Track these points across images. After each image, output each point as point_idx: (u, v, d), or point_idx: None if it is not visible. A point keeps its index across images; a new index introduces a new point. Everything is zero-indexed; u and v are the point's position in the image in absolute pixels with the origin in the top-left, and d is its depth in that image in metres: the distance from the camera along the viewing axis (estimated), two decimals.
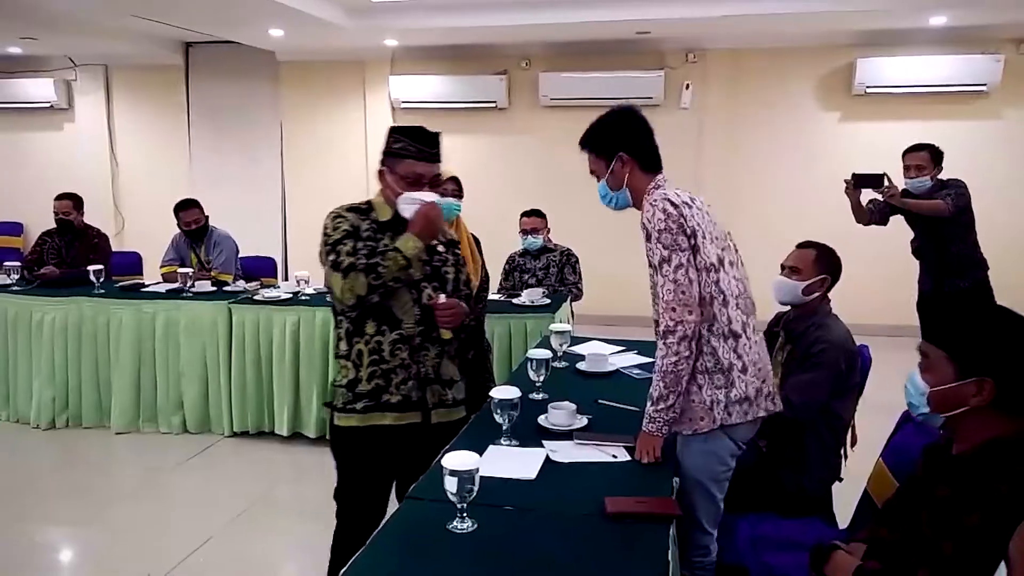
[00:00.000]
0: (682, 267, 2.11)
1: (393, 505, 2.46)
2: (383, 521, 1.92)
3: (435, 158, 2.40)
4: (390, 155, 2.38)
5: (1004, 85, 6.62)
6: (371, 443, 2.40)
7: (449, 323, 2.38)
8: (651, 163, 2.30)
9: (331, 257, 2.31)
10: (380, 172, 2.41)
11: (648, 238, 2.17)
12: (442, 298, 2.37)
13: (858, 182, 4.57)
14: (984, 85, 6.64)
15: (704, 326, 2.15)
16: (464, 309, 2.44)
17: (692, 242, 2.14)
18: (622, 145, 2.30)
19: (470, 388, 3.37)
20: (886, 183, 4.50)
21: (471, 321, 2.65)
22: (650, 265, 2.20)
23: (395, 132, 2.40)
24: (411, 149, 2.36)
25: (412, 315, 2.38)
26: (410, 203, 2.34)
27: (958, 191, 4.44)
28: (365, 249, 2.32)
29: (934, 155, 4.50)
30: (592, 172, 2.41)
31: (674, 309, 2.10)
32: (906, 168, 4.53)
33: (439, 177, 2.43)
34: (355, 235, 2.34)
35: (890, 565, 1.62)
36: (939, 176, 4.57)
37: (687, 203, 2.18)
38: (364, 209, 2.43)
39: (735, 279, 2.22)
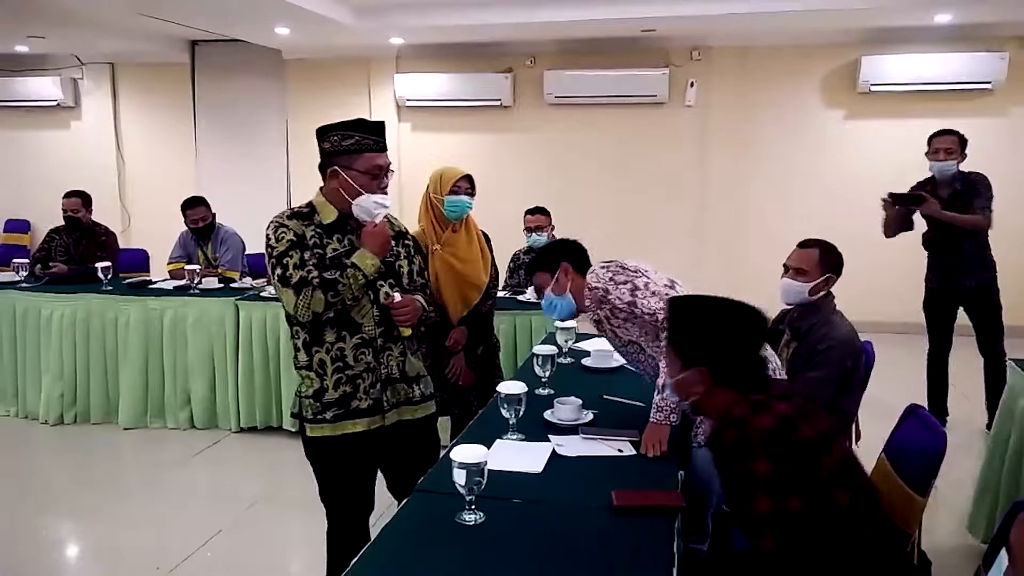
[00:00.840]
0: (650, 282, 2.40)
1: (382, 499, 2.49)
2: (376, 514, 1.92)
3: (386, 147, 2.36)
4: (344, 152, 2.29)
5: (1009, 83, 6.61)
6: (345, 450, 2.36)
7: (407, 321, 2.34)
8: (584, 266, 2.63)
9: (278, 271, 2.24)
10: (332, 171, 2.30)
11: (605, 295, 2.46)
12: (397, 297, 2.33)
13: (897, 200, 4.50)
14: (989, 83, 6.64)
15: None
16: (419, 304, 2.41)
17: (638, 272, 2.45)
18: (563, 257, 2.62)
19: (480, 384, 3.39)
20: (925, 200, 4.43)
21: (429, 315, 2.63)
22: (625, 337, 2.53)
23: (338, 128, 2.32)
24: (368, 142, 2.30)
25: (371, 317, 2.34)
26: (372, 208, 2.27)
27: (988, 197, 4.43)
28: (313, 259, 2.26)
29: (961, 141, 4.49)
30: (538, 289, 2.72)
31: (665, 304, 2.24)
32: (935, 151, 4.49)
33: (390, 166, 2.36)
34: (300, 244, 2.26)
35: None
36: (962, 166, 4.53)
37: (620, 265, 2.52)
38: (306, 213, 2.34)
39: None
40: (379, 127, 2.34)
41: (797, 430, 1.66)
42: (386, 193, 2.33)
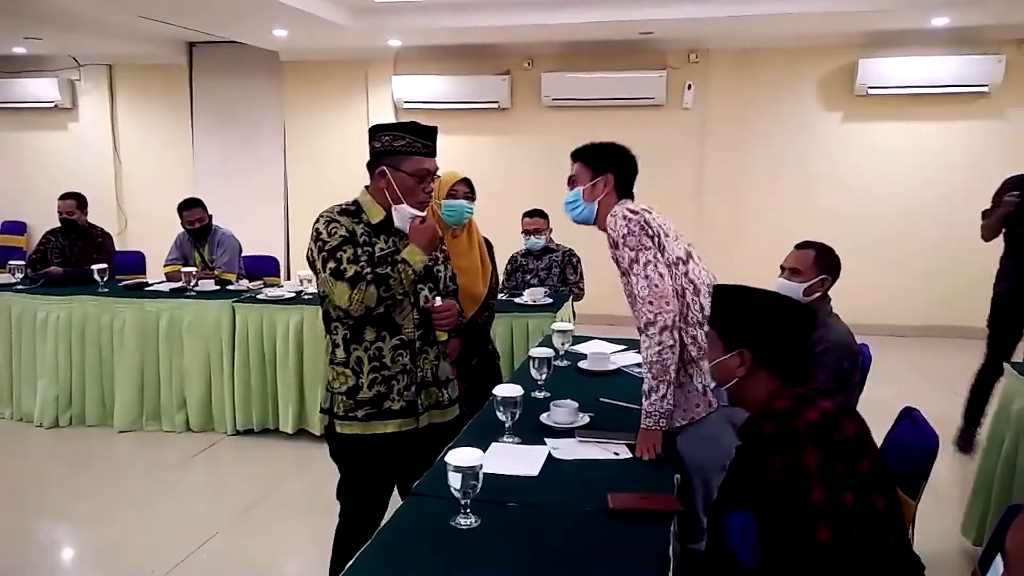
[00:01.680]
0: (651, 263, 2.27)
1: (396, 503, 2.48)
2: (385, 518, 1.93)
3: (435, 152, 2.38)
4: (393, 153, 2.31)
5: (1006, 85, 6.63)
6: (373, 450, 2.38)
7: (446, 325, 2.37)
8: (626, 191, 2.49)
9: (331, 264, 2.25)
10: (380, 171, 2.34)
11: (615, 246, 2.33)
12: (438, 301, 2.37)
13: None
14: (986, 86, 6.65)
15: (681, 318, 2.29)
16: (457, 309, 2.45)
17: (657, 241, 2.31)
18: (613, 167, 2.47)
19: (474, 393, 3.36)
20: None
21: (461, 320, 2.65)
22: (620, 271, 2.36)
23: (392, 129, 2.34)
24: (417, 145, 2.32)
25: (411, 319, 2.38)
26: (407, 216, 2.33)
27: None
28: (364, 255, 2.29)
29: None
30: (570, 179, 2.55)
31: (651, 302, 2.23)
32: None
33: (437, 170, 2.40)
34: (352, 240, 2.29)
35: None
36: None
37: (646, 210, 2.37)
38: (354, 211, 2.36)
39: (704, 270, 2.40)
40: (431, 132, 2.36)
41: (840, 427, 1.65)
42: (431, 197, 2.39)
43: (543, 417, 2.48)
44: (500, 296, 4.78)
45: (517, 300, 4.61)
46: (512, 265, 5.20)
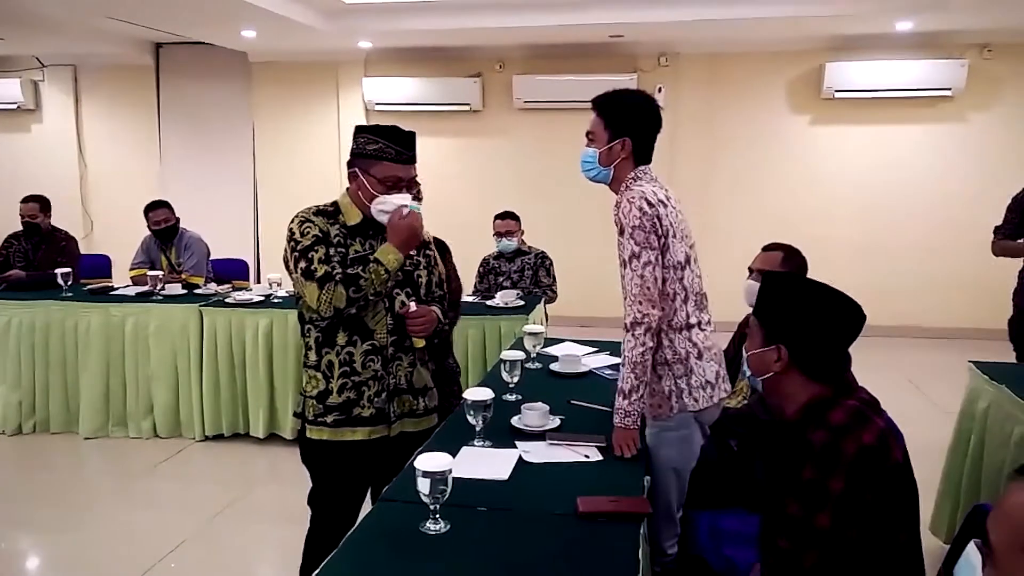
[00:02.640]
0: (650, 264, 2.19)
1: (367, 508, 2.46)
2: (356, 524, 1.91)
3: (412, 159, 2.32)
4: (365, 156, 2.28)
5: (969, 89, 6.76)
6: (343, 456, 2.35)
7: (421, 332, 2.32)
8: (644, 157, 2.37)
9: (302, 264, 2.23)
10: (353, 173, 2.31)
11: (621, 232, 2.24)
12: (413, 306, 2.32)
13: None
14: (949, 89, 6.77)
15: (665, 321, 2.26)
16: (435, 315, 2.38)
17: (663, 241, 2.22)
18: (632, 131, 2.33)
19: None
20: None
21: (446, 325, 2.60)
22: (620, 259, 2.27)
23: (368, 132, 2.30)
24: (389, 152, 2.26)
25: (384, 325, 2.33)
26: (387, 208, 2.26)
27: None
28: (337, 256, 2.26)
29: None
30: (588, 133, 2.40)
31: (640, 303, 2.19)
32: None
33: (415, 180, 2.35)
34: (326, 241, 2.26)
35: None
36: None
37: (662, 202, 2.26)
38: (331, 212, 2.33)
39: (697, 276, 2.35)
40: (407, 138, 2.30)
41: (891, 451, 1.60)
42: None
43: (514, 420, 2.47)
44: (472, 299, 4.79)
45: (489, 303, 4.61)
46: (484, 268, 5.19)
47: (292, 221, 2.29)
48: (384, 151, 2.26)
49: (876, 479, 1.57)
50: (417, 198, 3.09)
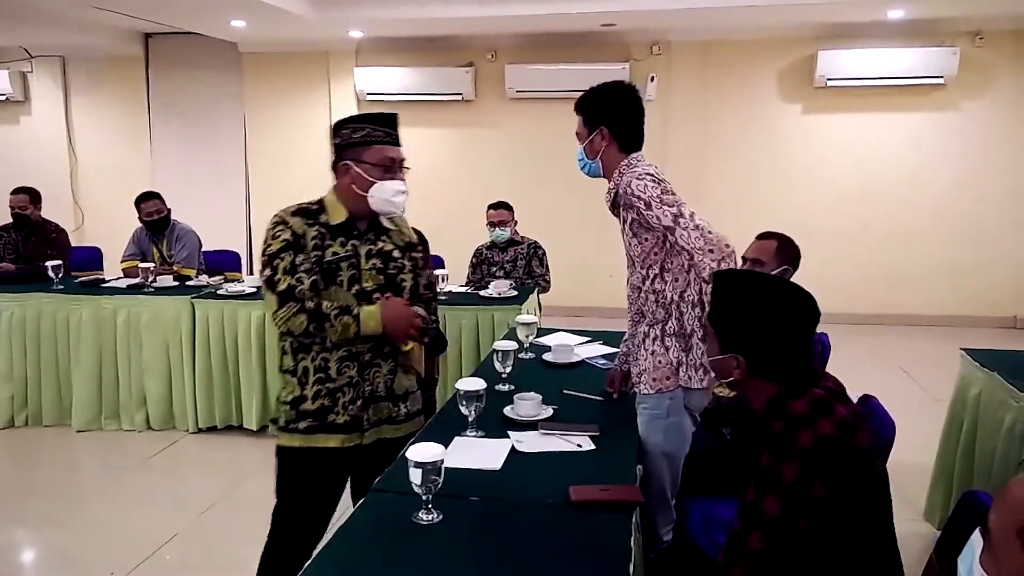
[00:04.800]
0: (694, 214, 2.20)
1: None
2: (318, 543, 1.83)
3: (399, 140, 2.29)
4: (354, 145, 2.23)
5: (960, 77, 6.75)
6: (314, 465, 2.28)
7: (399, 337, 2.25)
8: (630, 143, 2.37)
9: (267, 272, 2.18)
10: (343, 166, 2.24)
11: (648, 207, 2.22)
12: (412, 347, 2.29)
13: None
14: (941, 77, 6.77)
15: (677, 292, 2.28)
16: (419, 315, 2.29)
17: (686, 206, 2.25)
18: (606, 120, 2.35)
19: None
20: None
21: (433, 323, 2.53)
22: (643, 236, 2.29)
23: (352, 121, 2.25)
24: (378, 134, 2.23)
25: None
26: (385, 195, 2.22)
27: None
28: (306, 264, 2.19)
29: None
30: (577, 134, 2.46)
31: (711, 251, 2.16)
32: None
33: (404, 160, 2.29)
34: (296, 246, 2.19)
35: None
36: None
37: (664, 180, 2.29)
38: (314, 211, 2.26)
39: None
40: (390, 119, 2.28)
41: (854, 439, 1.59)
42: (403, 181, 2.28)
43: (507, 410, 2.47)
44: (465, 289, 4.79)
45: (482, 292, 4.60)
46: (477, 258, 5.19)
47: (270, 221, 2.24)
48: (373, 134, 2.23)
49: (833, 468, 1.55)
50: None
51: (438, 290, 3.72)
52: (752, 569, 1.57)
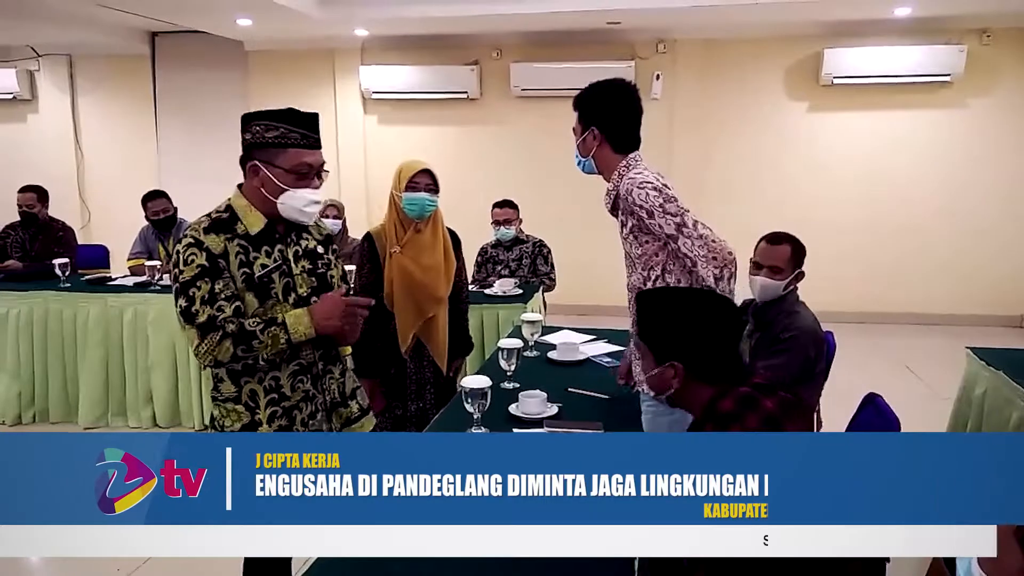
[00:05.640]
0: (697, 222, 2.21)
1: None
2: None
3: (318, 143, 2.06)
4: (265, 146, 2.00)
5: (968, 75, 6.73)
6: None
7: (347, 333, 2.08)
8: (623, 144, 2.34)
9: (181, 303, 1.94)
10: (252, 166, 2.03)
11: (650, 215, 2.22)
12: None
13: None
14: (948, 75, 6.74)
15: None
16: (347, 306, 2.05)
17: (688, 214, 2.25)
18: (597, 121, 2.33)
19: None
20: None
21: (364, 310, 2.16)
22: (643, 240, 2.28)
23: (264, 117, 2.02)
24: (294, 136, 2.00)
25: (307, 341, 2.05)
26: (298, 204, 2.01)
27: None
28: (228, 291, 1.96)
29: None
30: (573, 130, 2.43)
31: (714, 259, 2.19)
32: None
33: (323, 166, 2.08)
34: (213, 271, 1.95)
35: None
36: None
37: (665, 186, 2.27)
38: (226, 220, 2.03)
39: None
40: (311, 120, 2.05)
41: (782, 428, 1.64)
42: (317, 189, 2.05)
43: (512, 408, 2.48)
44: (471, 287, 4.79)
45: (487, 291, 4.61)
46: (482, 256, 5.19)
47: (179, 242, 2.01)
48: (287, 136, 2.00)
49: None
50: (431, 190, 2.98)
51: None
52: (711, 570, 1.58)
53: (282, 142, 2.00)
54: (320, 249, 2.17)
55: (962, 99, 6.93)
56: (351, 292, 2.22)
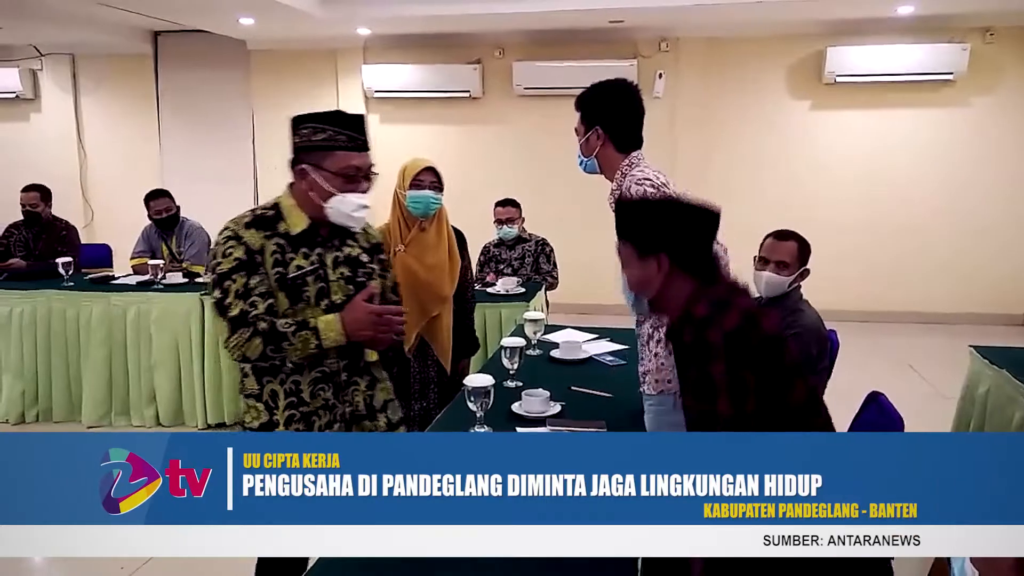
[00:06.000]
0: None
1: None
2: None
3: (367, 146, 2.06)
4: (313, 149, 2.01)
5: (970, 74, 6.71)
6: None
7: (366, 339, 2.04)
8: (626, 143, 2.36)
9: (216, 294, 1.95)
10: (300, 170, 2.03)
11: None
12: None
13: None
14: (951, 74, 6.73)
15: None
16: (378, 314, 2.03)
17: None
18: (600, 120, 2.34)
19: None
20: None
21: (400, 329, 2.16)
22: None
23: (312, 120, 2.04)
24: (341, 139, 2.00)
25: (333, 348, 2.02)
26: (346, 209, 2.01)
27: None
28: (262, 287, 1.96)
29: None
30: (576, 130, 2.45)
31: None
32: None
33: (372, 169, 2.08)
34: (250, 264, 1.96)
35: None
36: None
37: (664, 184, 2.28)
38: (271, 219, 2.03)
39: None
40: (357, 122, 2.05)
41: (759, 326, 1.71)
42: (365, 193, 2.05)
43: (515, 406, 2.48)
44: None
45: (490, 290, 4.61)
46: (485, 255, 5.19)
47: (220, 232, 2.01)
48: (334, 139, 2.00)
49: (748, 357, 1.67)
50: (435, 187, 2.96)
51: None
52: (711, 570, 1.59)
53: (330, 145, 2.00)
54: (364, 258, 2.14)
55: (965, 98, 6.92)
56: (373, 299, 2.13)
